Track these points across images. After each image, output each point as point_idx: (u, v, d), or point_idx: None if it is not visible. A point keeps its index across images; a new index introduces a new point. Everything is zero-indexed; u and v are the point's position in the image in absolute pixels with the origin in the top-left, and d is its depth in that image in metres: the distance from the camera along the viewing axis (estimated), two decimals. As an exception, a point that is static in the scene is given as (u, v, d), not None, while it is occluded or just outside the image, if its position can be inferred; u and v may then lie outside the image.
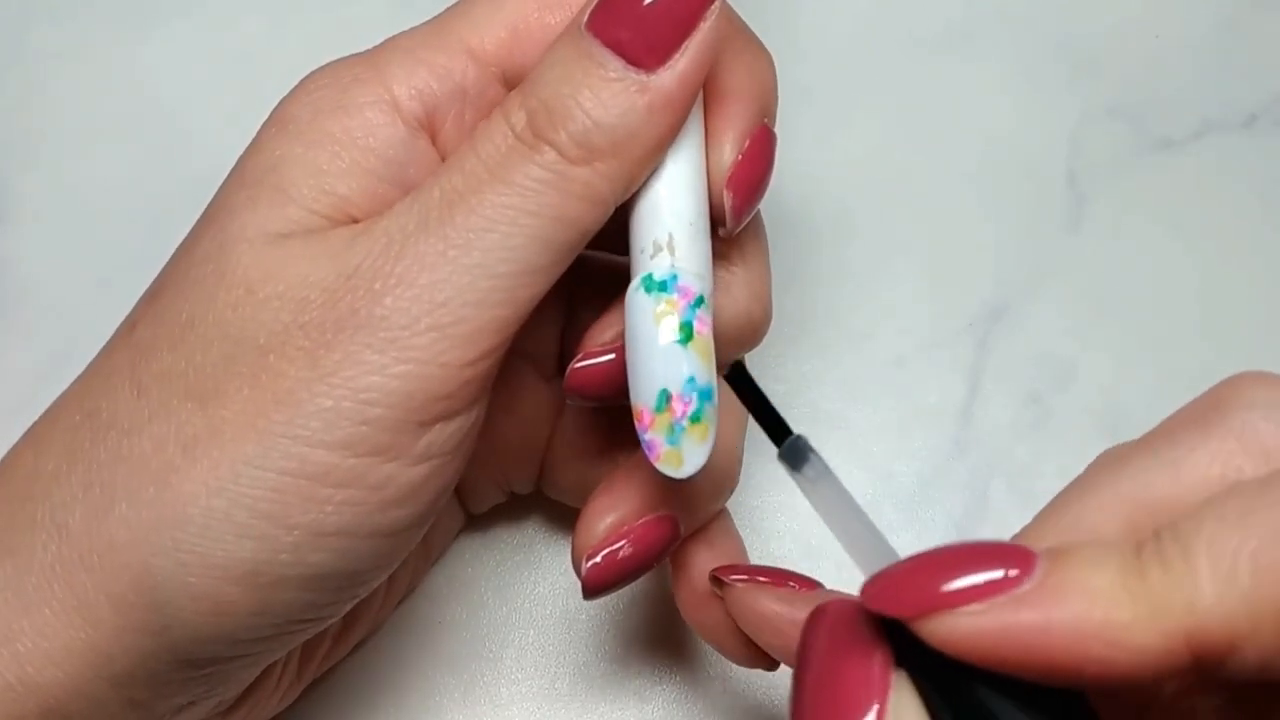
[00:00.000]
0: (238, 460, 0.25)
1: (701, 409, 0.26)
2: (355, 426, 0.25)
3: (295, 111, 0.28)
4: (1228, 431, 0.21)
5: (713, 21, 0.26)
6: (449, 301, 0.25)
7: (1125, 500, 0.22)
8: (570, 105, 0.26)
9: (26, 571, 0.26)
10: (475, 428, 0.27)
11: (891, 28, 0.42)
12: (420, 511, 0.27)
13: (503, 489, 0.35)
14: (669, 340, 0.26)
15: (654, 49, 0.26)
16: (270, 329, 0.26)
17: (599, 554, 0.30)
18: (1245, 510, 0.19)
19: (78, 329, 0.38)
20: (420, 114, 0.28)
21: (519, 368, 0.33)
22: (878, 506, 0.37)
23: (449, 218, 0.26)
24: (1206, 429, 0.22)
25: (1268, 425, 0.21)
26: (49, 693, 0.26)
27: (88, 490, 0.26)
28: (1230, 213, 0.40)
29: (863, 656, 0.21)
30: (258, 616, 0.26)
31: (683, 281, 0.26)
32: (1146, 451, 0.22)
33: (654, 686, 0.35)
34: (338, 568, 0.26)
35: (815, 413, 0.38)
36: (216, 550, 0.25)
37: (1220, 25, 0.42)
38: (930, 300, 0.39)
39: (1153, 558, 0.19)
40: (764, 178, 0.28)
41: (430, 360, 0.25)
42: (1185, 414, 0.22)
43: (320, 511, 0.26)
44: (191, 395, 0.26)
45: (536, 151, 0.26)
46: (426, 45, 0.28)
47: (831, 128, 0.40)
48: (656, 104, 0.26)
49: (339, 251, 0.26)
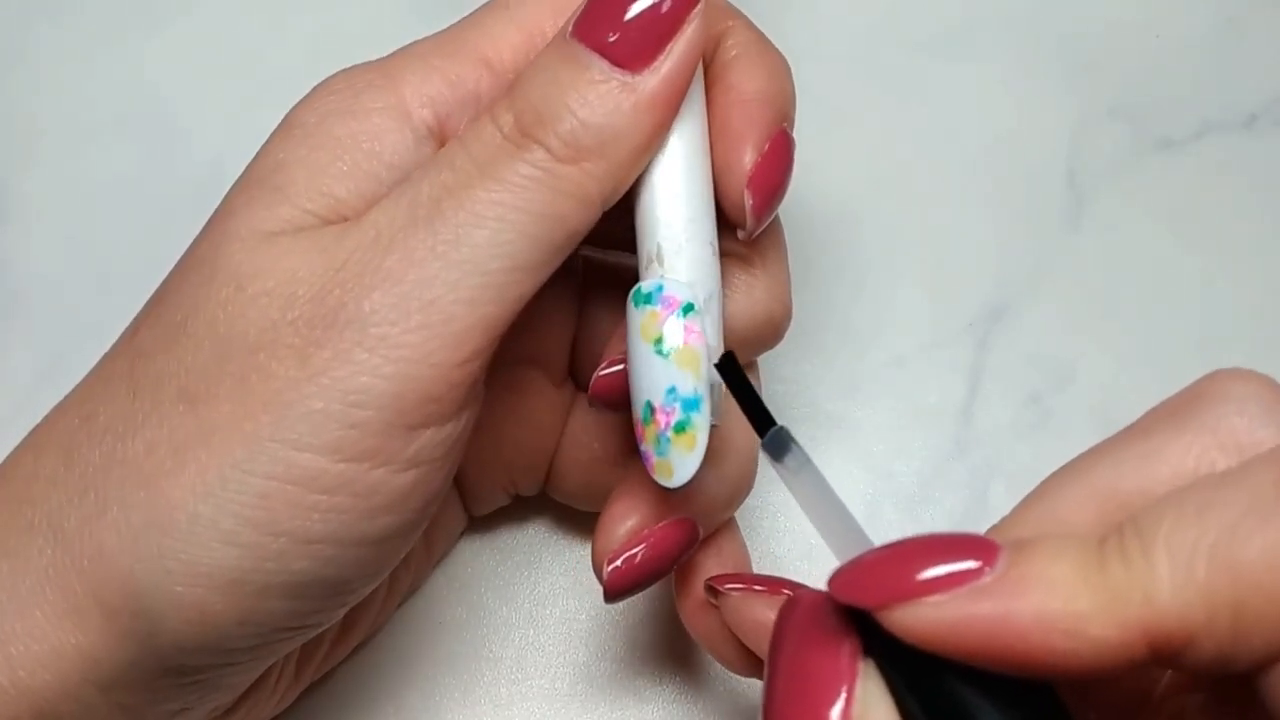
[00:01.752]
0: (225, 465, 0.25)
1: (687, 419, 0.26)
2: (344, 429, 0.25)
3: (304, 117, 0.28)
4: (1202, 426, 0.22)
5: (695, 24, 0.26)
6: (439, 299, 0.25)
7: (1098, 493, 0.22)
8: (558, 107, 0.26)
9: (22, 574, 0.26)
10: (464, 436, 0.27)
11: (891, 28, 0.42)
12: (407, 520, 0.27)
13: (508, 492, 0.35)
14: (647, 352, 0.26)
15: (638, 52, 0.26)
16: (259, 326, 0.26)
17: (620, 558, 0.29)
18: (1204, 504, 0.19)
19: (78, 329, 0.38)
20: (431, 122, 0.28)
21: (528, 372, 0.33)
22: (878, 506, 0.37)
23: (438, 213, 0.26)
24: (1181, 423, 0.22)
25: (1242, 420, 0.21)
26: (41, 695, 0.26)
27: (83, 494, 0.26)
28: (1230, 213, 0.40)
29: (831, 646, 0.21)
30: (242, 626, 0.26)
31: (668, 292, 0.26)
32: (1122, 445, 0.22)
33: (654, 687, 0.35)
34: (323, 576, 0.26)
35: (815, 413, 0.38)
36: (202, 558, 0.25)
37: (1220, 25, 0.42)
38: (930, 300, 0.39)
39: (1114, 550, 0.19)
40: (783, 180, 0.28)
41: (421, 359, 0.25)
42: (1162, 409, 0.22)
43: (307, 518, 0.25)
44: (183, 397, 0.26)
45: (525, 150, 0.26)
46: (441, 53, 0.28)
47: (831, 127, 0.40)
48: (642, 104, 0.26)
49: (327, 246, 0.26)
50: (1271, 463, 0.20)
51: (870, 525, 0.36)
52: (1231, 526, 0.19)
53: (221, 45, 0.42)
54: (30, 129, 0.41)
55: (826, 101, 0.41)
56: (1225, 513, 0.19)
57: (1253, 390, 0.22)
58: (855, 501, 0.37)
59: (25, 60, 0.42)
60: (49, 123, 0.41)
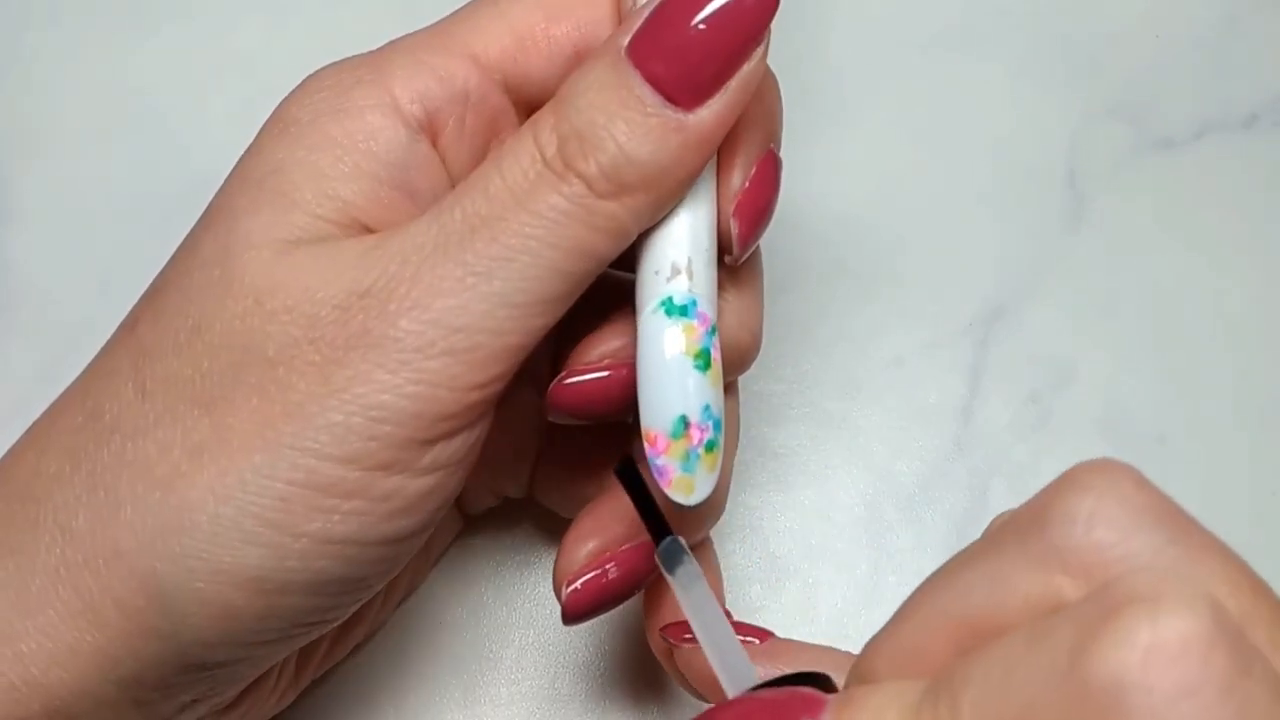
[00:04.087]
0: (245, 469, 0.25)
1: (716, 438, 0.26)
2: (364, 442, 0.25)
3: (296, 113, 0.28)
4: (1048, 549, 0.19)
5: (757, 61, 0.26)
6: (466, 328, 0.25)
7: (950, 619, 0.20)
8: (603, 136, 0.25)
9: (30, 572, 0.26)
10: (480, 442, 0.27)
11: (891, 27, 0.42)
12: (424, 520, 0.27)
13: (495, 494, 0.36)
14: (689, 366, 0.26)
15: (694, 88, 0.25)
16: (280, 342, 0.26)
17: (578, 580, 0.30)
18: (1009, 669, 0.18)
19: (78, 329, 0.38)
20: (421, 117, 0.28)
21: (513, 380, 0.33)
22: (878, 506, 0.37)
23: (470, 243, 0.25)
24: (1027, 546, 0.20)
25: (1088, 540, 0.19)
26: (54, 693, 0.26)
27: (92, 493, 0.26)
28: (1230, 213, 0.40)
29: None
30: (264, 620, 0.26)
31: (701, 307, 0.26)
32: (972, 566, 0.21)
33: (654, 687, 0.35)
34: (343, 574, 0.26)
35: (815, 412, 0.38)
36: (224, 557, 0.25)
37: (1220, 25, 0.42)
38: (930, 300, 0.39)
39: (928, 711, 0.19)
40: (770, 205, 0.28)
41: (442, 384, 0.25)
42: (1012, 523, 0.20)
43: (327, 521, 0.26)
44: (198, 402, 0.26)
45: (564, 182, 0.25)
46: (429, 48, 0.28)
47: (831, 127, 0.40)
48: (690, 142, 0.26)
49: (350, 266, 0.26)
50: (1069, 625, 0.18)
51: (870, 525, 0.37)
52: (1034, 699, 0.17)
53: (221, 46, 0.42)
54: (30, 129, 0.41)
55: (826, 101, 0.41)
56: (1028, 679, 0.18)
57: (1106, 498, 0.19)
58: (855, 501, 0.37)
59: (25, 60, 0.41)
60: (48, 123, 0.41)
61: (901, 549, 0.37)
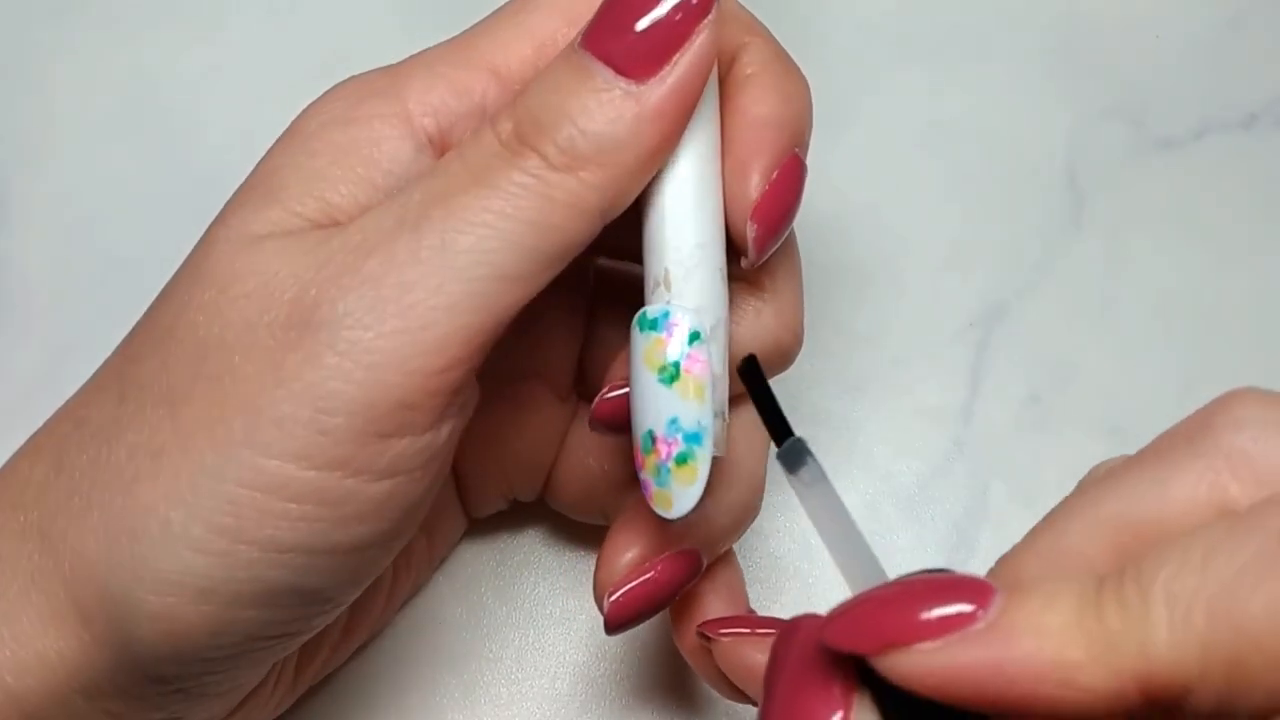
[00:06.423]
0: (196, 471, 0.25)
1: (689, 451, 0.26)
2: (312, 435, 0.24)
3: (306, 124, 0.28)
4: (1216, 452, 0.21)
5: (705, 35, 0.26)
6: (418, 304, 0.25)
7: (1110, 522, 0.21)
8: (557, 114, 0.25)
9: (10, 578, 0.26)
10: (447, 447, 0.26)
11: (892, 28, 0.42)
12: (384, 529, 0.26)
13: (506, 497, 0.35)
14: (651, 381, 0.26)
15: (644, 61, 0.25)
16: (237, 327, 0.25)
17: (620, 590, 0.29)
18: (1208, 551, 0.19)
19: (78, 329, 0.38)
20: (432, 130, 0.27)
21: (532, 384, 0.33)
22: (878, 506, 0.37)
23: (425, 218, 0.25)
24: (1194, 449, 0.21)
25: (1256, 447, 0.21)
26: (28, 701, 0.26)
27: (70, 499, 0.26)
28: (1230, 213, 0.40)
29: (826, 677, 0.21)
30: (215, 636, 0.25)
31: (674, 318, 0.26)
32: (1134, 471, 0.22)
33: (654, 687, 0.35)
34: (296, 585, 0.26)
35: (816, 412, 0.38)
36: (172, 566, 0.25)
37: (1220, 25, 0.42)
38: (931, 300, 0.39)
39: (1111, 596, 0.19)
40: (790, 210, 0.28)
41: (395, 366, 0.25)
42: (1175, 433, 0.22)
43: (275, 527, 0.25)
44: (164, 401, 0.26)
45: (520, 157, 0.25)
46: (448, 61, 0.28)
47: (831, 128, 0.40)
48: (645, 114, 0.25)
49: (310, 248, 0.26)
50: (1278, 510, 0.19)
51: (870, 525, 0.37)
52: (1233, 579, 0.18)
53: (221, 46, 0.42)
54: (30, 129, 0.41)
55: (826, 101, 0.41)
56: (1228, 563, 0.19)
57: (1266, 414, 0.21)
58: (855, 501, 0.37)
59: (26, 60, 0.42)
60: (49, 123, 0.41)
61: (901, 549, 0.37)
